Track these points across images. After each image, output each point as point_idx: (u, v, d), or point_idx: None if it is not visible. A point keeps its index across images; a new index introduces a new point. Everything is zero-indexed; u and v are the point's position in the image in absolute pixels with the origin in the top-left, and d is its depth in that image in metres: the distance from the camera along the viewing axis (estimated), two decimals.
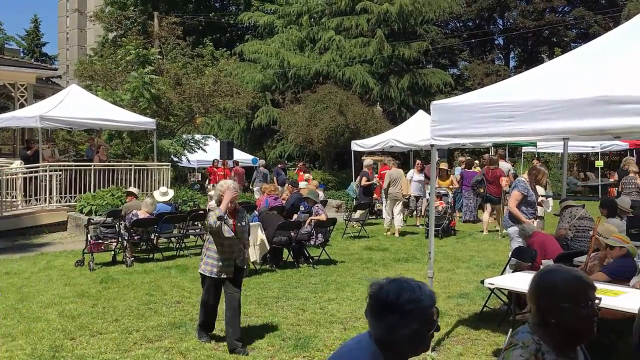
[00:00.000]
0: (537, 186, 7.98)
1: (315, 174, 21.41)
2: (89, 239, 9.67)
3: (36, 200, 13.69)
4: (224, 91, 19.81)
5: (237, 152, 22.58)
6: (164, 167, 15.85)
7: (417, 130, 16.18)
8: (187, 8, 38.91)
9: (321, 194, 14.80)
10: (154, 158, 16.04)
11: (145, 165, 15.62)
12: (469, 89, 21.25)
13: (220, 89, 19.62)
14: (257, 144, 31.70)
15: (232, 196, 5.52)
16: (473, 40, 38.45)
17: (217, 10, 41.30)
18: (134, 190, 11.96)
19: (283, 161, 22.36)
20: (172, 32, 26.84)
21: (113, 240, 10.00)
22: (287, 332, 6.07)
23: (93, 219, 11.23)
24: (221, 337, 5.87)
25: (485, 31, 39.05)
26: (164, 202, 11.65)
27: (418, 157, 19.93)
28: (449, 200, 12.90)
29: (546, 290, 2.29)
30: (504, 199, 12.26)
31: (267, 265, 9.55)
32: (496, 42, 40.95)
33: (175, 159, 18.26)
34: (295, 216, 10.71)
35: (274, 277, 8.84)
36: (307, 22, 30.44)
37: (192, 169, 23.16)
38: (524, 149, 23.42)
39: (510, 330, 5.18)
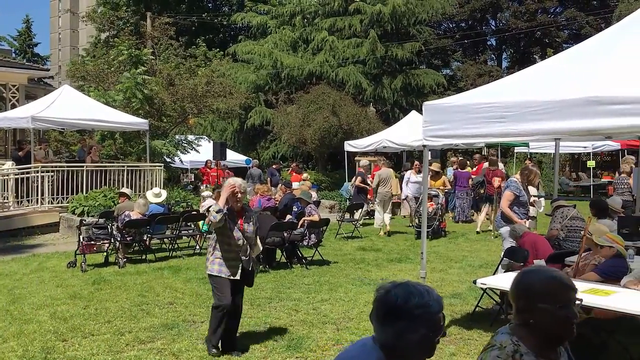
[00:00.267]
0: (529, 186, 8.01)
1: (308, 175, 21.40)
2: (81, 240, 9.63)
3: (28, 201, 13.63)
4: (217, 92, 19.77)
5: (230, 153, 22.58)
6: (157, 167, 15.81)
7: (410, 131, 16.24)
8: (180, 8, 38.85)
9: (314, 194, 14.80)
10: (147, 159, 15.99)
11: (137, 166, 15.58)
12: (461, 90, 21.28)
13: (213, 90, 19.58)
14: (250, 145, 31.68)
15: (231, 191, 5.34)
16: (466, 41, 38.55)
17: (210, 10, 41.26)
18: (126, 191, 11.92)
19: (278, 162, 22.32)
20: (164, 32, 26.76)
21: (105, 242, 9.97)
22: (280, 332, 6.07)
23: (85, 220, 11.21)
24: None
25: (478, 32, 39.17)
26: (156, 203, 11.64)
27: (412, 158, 19.99)
28: (440, 201, 12.90)
29: (524, 290, 2.28)
30: (496, 199, 12.32)
31: (260, 266, 9.53)
32: (489, 42, 41.09)
33: (168, 159, 18.21)
34: (289, 217, 10.71)
35: (267, 278, 8.83)
36: (300, 23, 30.46)
37: (185, 170, 23.12)
38: (517, 149, 23.52)
39: None
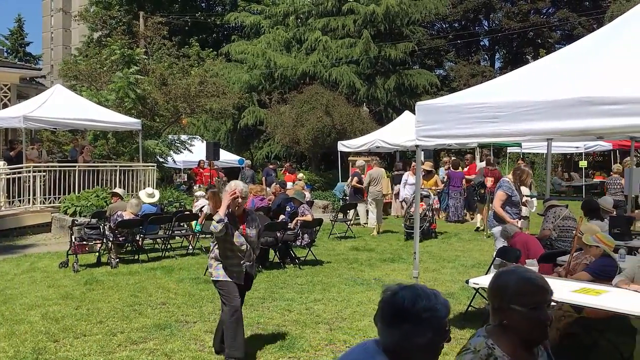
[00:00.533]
0: (521, 186, 8.04)
1: (303, 175, 21.40)
2: (73, 240, 9.59)
3: (20, 201, 13.55)
4: (210, 91, 19.73)
5: (223, 153, 22.53)
6: (150, 167, 15.76)
7: (403, 131, 16.27)
8: (173, 8, 38.72)
9: (307, 194, 14.81)
10: (140, 159, 15.95)
11: (130, 166, 15.52)
12: (454, 90, 21.34)
13: (207, 90, 19.53)
14: (243, 145, 31.63)
15: (232, 197, 5.10)
16: (459, 42, 38.65)
17: (203, 10, 41.16)
18: (119, 191, 11.88)
19: (274, 162, 22.22)
20: (157, 32, 26.68)
21: (98, 242, 9.93)
22: (272, 332, 6.07)
23: (77, 220, 11.16)
24: (206, 337, 5.85)
25: (471, 32, 39.27)
26: (149, 203, 11.61)
27: (405, 158, 20.03)
28: (431, 202, 12.90)
29: (498, 290, 2.27)
30: (488, 199, 12.36)
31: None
32: (481, 43, 41.21)
33: (161, 159, 18.16)
34: (282, 217, 10.71)
35: (259, 278, 8.80)
36: (294, 23, 30.44)
37: (178, 170, 23.06)
38: (509, 149, 23.59)
39: None
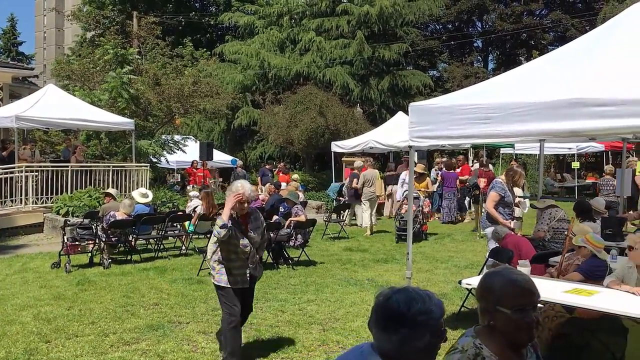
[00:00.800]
0: (514, 187, 8.07)
1: (298, 176, 21.40)
2: (66, 240, 9.56)
3: (12, 201, 13.47)
4: (204, 92, 19.70)
5: (217, 153, 22.50)
6: (143, 168, 15.72)
7: (396, 132, 16.30)
8: (167, 8, 38.65)
9: (301, 195, 14.81)
10: (133, 159, 15.90)
11: (123, 166, 15.48)
12: (448, 91, 21.39)
13: (200, 90, 19.50)
14: (237, 145, 31.61)
15: (237, 200, 4.91)
16: (452, 43, 38.75)
17: (197, 10, 41.10)
18: (112, 191, 11.84)
19: (271, 162, 22.14)
20: (151, 32, 26.63)
21: (90, 242, 9.89)
22: (265, 333, 6.06)
23: (70, 221, 11.12)
24: (199, 338, 5.84)
25: (464, 34, 39.39)
26: (143, 203, 11.58)
27: (398, 159, 20.04)
28: (421, 203, 12.90)
29: (485, 291, 2.29)
30: (482, 199, 12.39)
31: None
32: (475, 44, 41.33)
33: (154, 159, 18.12)
34: (276, 217, 10.70)
35: None
36: (288, 23, 30.44)
37: (172, 170, 23.01)
38: (502, 150, 23.66)
39: None
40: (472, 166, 17.95)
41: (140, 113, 18.12)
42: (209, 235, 9.69)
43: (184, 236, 11.60)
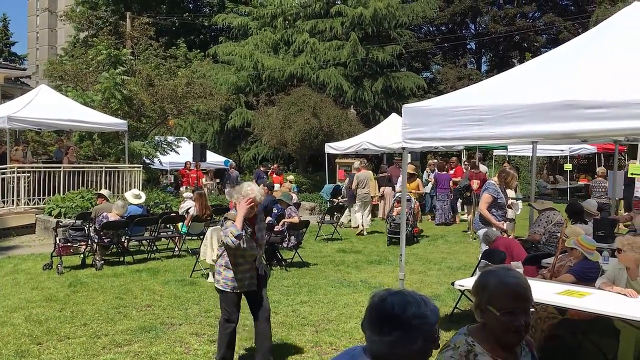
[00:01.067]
0: (507, 189, 8.09)
1: (287, 176, 21.39)
2: (58, 241, 9.51)
3: (3, 202, 13.40)
4: (197, 93, 19.67)
5: (210, 154, 22.47)
6: (136, 169, 15.67)
7: (390, 133, 16.34)
8: (160, 9, 38.58)
9: (294, 196, 14.81)
10: (126, 160, 15.85)
11: (116, 167, 15.43)
12: (441, 93, 21.43)
13: (194, 91, 19.47)
14: (230, 146, 31.58)
15: (250, 206, 4.76)
16: (446, 45, 38.84)
17: (190, 11, 41.05)
18: (104, 192, 11.80)
19: (266, 164, 22.06)
20: (144, 32, 26.58)
21: (82, 243, 9.85)
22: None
23: (62, 222, 11.07)
24: (191, 340, 5.83)
25: (458, 36, 39.48)
26: (136, 204, 11.54)
27: (392, 160, 20.06)
28: (412, 205, 12.91)
29: (479, 289, 2.31)
30: (475, 201, 12.43)
31: None
32: (468, 46, 41.44)
33: (147, 160, 18.07)
34: (269, 218, 10.68)
35: None
36: (282, 25, 30.44)
37: (165, 171, 22.96)
38: (495, 152, 23.72)
39: None
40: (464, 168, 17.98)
41: (133, 114, 18.07)
42: (202, 237, 9.67)
43: (177, 237, 11.56)
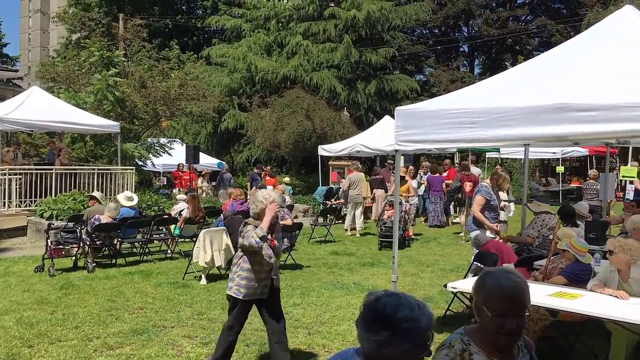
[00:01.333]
0: (499, 191, 8.12)
1: (281, 179, 21.36)
2: (49, 244, 9.46)
3: None
4: (190, 95, 19.63)
5: (203, 156, 22.39)
6: (128, 171, 15.61)
7: (383, 136, 16.36)
8: (154, 10, 38.51)
9: (288, 198, 14.80)
10: (118, 162, 15.80)
11: (108, 169, 15.37)
12: (434, 95, 21.50)
13: (187, 93, 19.43)
14: (224, 148, 31.53)
15: (276, 211, 4.82)
16: (439, 47, 38.98)
17: (184, 13, 40.98)
18: (96, 194, 11.75)
19: (260, 166, 21.90)
20: (137, 34, 26.44)
21: (74, 246, 9.80)
22: (251, 337, 6.03)
23: (53, 224, 11.01)
24: (184, 342, 5.81)
25: (451, 38, 39.63)
26: (128, 206, 11.50)
27: (386, 162, 20.08)
28: (403, 208, 12.93)
29: (477, 288, 2.34)
30: (467, 203, 12.46)
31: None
32: (461, 49, 41.62)
33: (140, 162, 18.01)
34: None
35: None
36: (275, 27, 30.45)
37: (158, 173, 22.89)
38: (488, 154, 23.82)
39: None
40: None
41: (126, 116, 18.01)
42: (194, 239, 9.65)
43: (170, 240, 11.53)
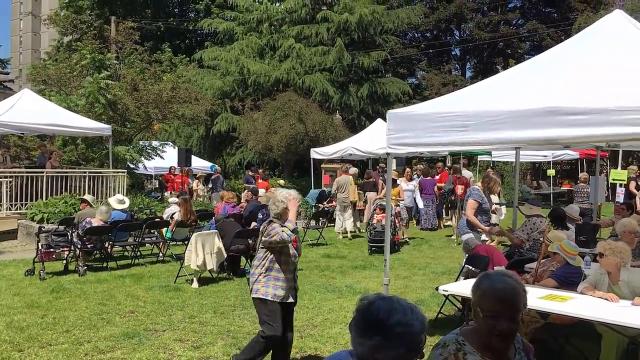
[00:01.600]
0: (490, 194, 8.15)
1: (274, 182, 21.35)
2: (40, 247, 9.41)
3: None
4: (183, 97, 19.58)
5: (195, 159, 22.35)
6: (120, 174, 15.55)
7: (375, 139, 16.39)
8: (146, 13, 38.39)
9: None
10: (110, 165, 15.74)
11: (100, 172, 15.30)
12: (426, 98, 21.50)
13: (179, 95, 19.38)
14: (216, 151, 31.47)
15: (298, 205, 4.95)
16: (431, 51, 39.10)
17: (176, 16, 40.90)
18: (88, 197, 11.69)
19: (255, 169, 21.79)
20: (129, 37, 26.38)
21: (65, 249, 9.75)
22: (243, 340, 6.01)
23: (44, 227, 10.95)
24: (175, 346, 5.79)
25: (443, 42, 39.76)
26: (120, 209, 11.46)
27: (377, 165, 20.11)
28: (393, 212, 12.93)
29: (475, 289, 2.38)
30: (459, 206, 12.50)
31: (224, 274, 9.47)
32: (453, 52, 41.73)
33: (131, 165, 17.95)
34: (254, 224, 10.66)
35: (231, 286, 8.77)
36: (267, 30, 30.44)
37: (150, 176, 22.81)
38: (479, 157, 23.90)
39: None
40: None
41: (117, 119, 17.95)
42: (186, 242, 9.62)
43: (161, 243, 11.50)
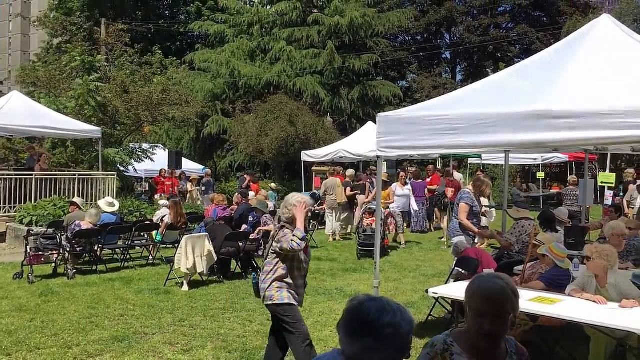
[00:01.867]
0: (480, 197, 8.19)
1: (265, 184, 21.34)
2: (29, 250, 9.35)
3: None
4: (173, 100, 19.53)
5: (186, 162, 22.30)
6: (110, 176, 15.49)
7: (366, 142, 16.41)
8: (136, 15, 38.28)
9: (271, 204, 14.78)
10: (99, 167, 15.66)
11: (89, 175, 15.23)
12: (417, 101, 21.59)
13: (169, 98, 19.32)
14: (207, 154, 31.41)
15: (307, 211, 4.85)
16: (421, 54, 39.24)
17: (166, 18, 40.81)
18: (77, 200, 11.64)
19: (252, 172, 21.67)
20: (119, 39, 26.30)
21: (54, 252, 9.69)
22: (233, 344, 6.01)
23: (33, 230, 10.88)
24: (165, 350, 5.77)
25: (433, 45, 39.92)
26: (109, 212, 11.41)
27: (367, 167, 20.14)
28: (382, 216, 12.92)
29: (467, 289, 2.42)
30: (449, 208, 12.54)
31: (215, 277, 9.44)
32: (443, 56, 41.89)
33: (121, 168, 17.88)
34: (245, 226, 10.65)
35: (221, 289, 8.75)
36: (258, 32, 30.44)
37: (140, 179, 22.71)
38: (470, 160, 23.98)
39: None
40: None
41: (107, 121, 17.87)
42: (176, 245, 9.59)
43: (151, 246, 11.46)
